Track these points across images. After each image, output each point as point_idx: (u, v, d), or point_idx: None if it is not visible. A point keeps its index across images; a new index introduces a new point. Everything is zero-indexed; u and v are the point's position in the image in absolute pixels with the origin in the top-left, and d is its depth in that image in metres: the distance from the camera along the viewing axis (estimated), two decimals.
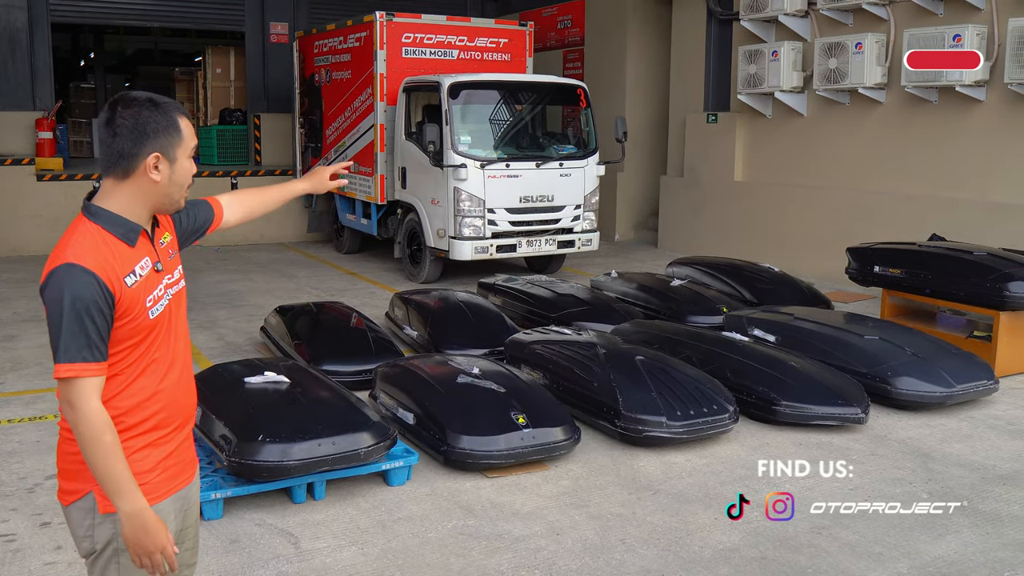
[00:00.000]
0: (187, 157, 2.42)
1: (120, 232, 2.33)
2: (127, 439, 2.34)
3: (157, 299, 2.39)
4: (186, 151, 2.41)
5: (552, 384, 6.05)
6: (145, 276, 2.36)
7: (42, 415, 6.13)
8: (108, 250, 2.29)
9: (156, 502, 2.38)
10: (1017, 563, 4.16)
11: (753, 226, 12.14)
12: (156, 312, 2.38)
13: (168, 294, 2.44)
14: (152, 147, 2.33)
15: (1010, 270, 6.96)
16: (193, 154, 2.45)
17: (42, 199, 13.24)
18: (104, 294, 2.23)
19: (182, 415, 2.51)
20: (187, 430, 2.55)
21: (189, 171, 2.43)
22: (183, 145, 2.40)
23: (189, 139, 2.42)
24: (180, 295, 2.53)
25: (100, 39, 24.21)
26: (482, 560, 4.15)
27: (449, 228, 10.33)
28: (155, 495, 2.38)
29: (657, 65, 14.66)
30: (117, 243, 2.32)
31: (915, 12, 10.00)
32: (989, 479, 5.13)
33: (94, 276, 2.22)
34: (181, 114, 2.43)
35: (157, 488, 2.40)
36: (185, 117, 2.44)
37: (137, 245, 2.36)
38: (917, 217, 9.90)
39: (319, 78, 13.42)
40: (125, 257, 2.32)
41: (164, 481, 2.43)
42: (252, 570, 4.04)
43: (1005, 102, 9.25)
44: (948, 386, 6.15)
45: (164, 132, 2.35)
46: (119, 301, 2.27)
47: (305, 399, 5.09)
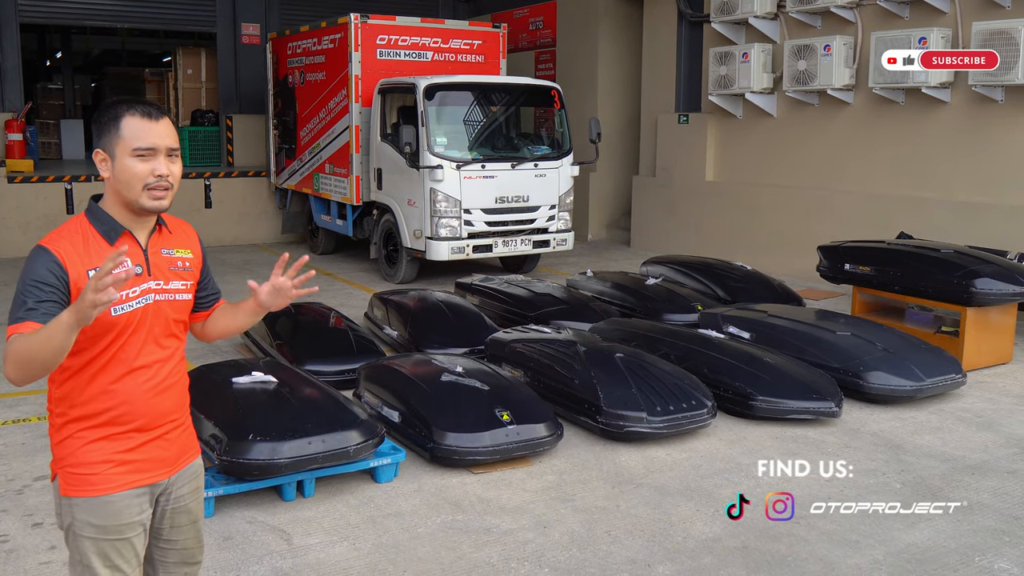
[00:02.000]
0: (127, 155, 2.42)
1: (102, 229, 2.48)
2: (79, 429, 2.46)
3: (125, 299, 2.43)
4: (125, 149, 2.42)
5: (533, 382, 6.15)
6: None
7: (26, 417, 6.13)
8: (83, 241, 2.43)
9: (109, 492, 2.47)
10: (987, 548, 4.32)
11: (725, 225, 12.32)
12: (120, 311, 2.42)
13: (148, 298, 2.49)
14: (97, 145, 2.48)
15: (976, 267, 7.17)
16: (144, 154, 2.42)
17: (13, 201, 13.13)
18: (58, 272, 2.35)
19: (148, 418, 2.51)
20: (157, 432, 2.55)
21: (131, 170, 2.42)
22: (122, 143, 2.43)
23: (130, 138, 2.42)
24: (172, 305, 2.56)
25: (67, 39, 23.97)
26: (472, 553, 4.24)
27: (426, 229, 10.41)
28: (108, 486, 2.47)
29: (628, 66, 14.81)
30: (97, 238, 2.46)
31: (882, 15, 10.23)
32: (959, 469, 5.30)
33: (51, 255, 2.37)
34: (132, 113, 2.44)
35: (111, 479, 2.47)
36: (137, 116, 2.44)
37: (117, 244, 2.46)
38: (885, 216, 10.13)
39: (293, 79, 13.43)
40: (100, 252, 2.42)
41: (121, 474, 2.48)
42: (247, 566, 4.10)
43: (969, 104, 9.49)
44: (918, 380, 6.33)
45: (104, 130, 2.47)
46: (75, 286, 2.36)
47: (293, 398, 5.16)
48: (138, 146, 2.43)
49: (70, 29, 22.48)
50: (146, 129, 2.44)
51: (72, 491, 2.47)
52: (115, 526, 2.49)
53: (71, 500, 2.47)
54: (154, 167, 2.44)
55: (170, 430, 2.59)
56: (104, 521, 2.47)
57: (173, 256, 2.58)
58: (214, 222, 14.40)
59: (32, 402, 6.43)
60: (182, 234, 2.67)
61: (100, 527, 2.47)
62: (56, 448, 2.50)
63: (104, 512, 2.47)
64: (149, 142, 2.43)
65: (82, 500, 2.46)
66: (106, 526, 2.48)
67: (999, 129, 9.32)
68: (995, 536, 4.45)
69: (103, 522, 2.47)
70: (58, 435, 2.49)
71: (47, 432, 2.57)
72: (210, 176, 14.60)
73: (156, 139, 2.44)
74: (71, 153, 18.29)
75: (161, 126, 2.47)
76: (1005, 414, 6.28)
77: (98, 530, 2.47)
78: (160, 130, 2.46)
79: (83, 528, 2.47)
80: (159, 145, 2.45)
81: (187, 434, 2.69)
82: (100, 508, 2.47)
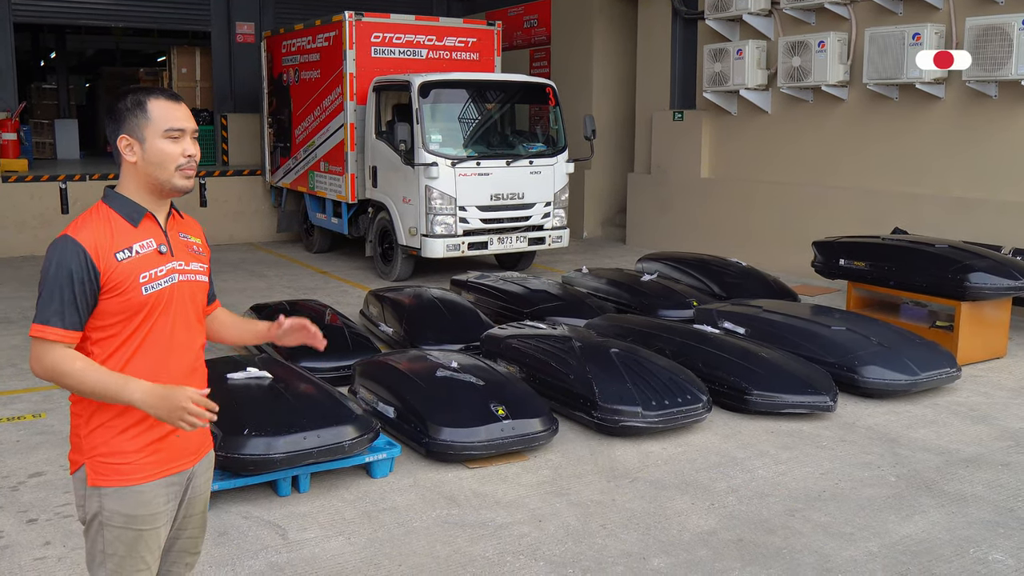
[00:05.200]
0: (159, 137, 2.46)
1: (124, 212, 2.49)
2: (110, 417, 2.46)
3: (155, 278, 2.47)
4: (156, 132, 2.46)
5: (529, 377, 6.15)
6: (143, 255, 2.46)
7: (20, 415, 6.11)
8: (108, 228, 2.45)
9: (140, 482, 2.48)
10: (981, 540, 4.33)
11: (720, 222, 12.33)
12: (151, 290, 2.46)
13: (173, 278, 2.52)
14: (121, 131, 2.49)
15: (970, 262, 7.18)
16: (176, 135, 2.47)
17: (7, 201, 13.10)
18: (88, 266, 2.38)
19: None
20: None
21: (165, 151, 2.46)
22: (151, 126, 2.46)
23: (160, 120, 2.46)
24: (194, 285, 2.60)
25: (62, 39, 23.90)
26: (467, 547, 4.25)
27: (421, 226, 10.41)
28: (140, 475, 2.48)
29: (623, 64, 14.82)
30: (120, 221, 2.47)
31: (875, 11, 10.24)
32: (953, 462, 5.31)
33: (82, 248, 2.38)
34: (156, 97, 2.48)
35: (142, 469, 2.48)
36: (162, 99, 2.49)
37: (141, 226, 2.49)
38: (879, 211, 10.15)
39: (287, 78, 13.42)
40: (125, 235, 2.45)
41: (152, 464, 2.50)
42: (242, 560, 4.10)
43: (963, 99, 9.51)
44: (913, 374, 6.34)
45: (130, 115, 2.48)
46: (106, 275, 2.39)
47: (288, 394, 5.15)
48: (170, 127, 2.48)
49: (65, 29, 22.43)
50: (173, 110, 2.50)
51: (102, 480, 2.46)
52: (145, 516, 2.50)
53: (101, 490, 2.46)
54: (184, 148, 2.50)
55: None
56: (135, 511, 2.48)
57: (189, 240, 2.64)
58: (209, 221, 14.36)
59: (27, 400, 6.42)
60: (192, 223, 2.73)
61: (130, 516, 2.48)
62: (85, 439, 2.48)
63: (135, 501, 2.48)
64: (179, 123, 2.49)
65: (112, 490, 2.46)
66: (136, 515, 2.48)
67: (993, 125, 9.33)
68: (989, 528, 4.46)
69: (134, 511, 2.48)
70: (87, 425, 2.48)
71: (42, 429, 2.58)
72: (205, 175, 14.58)
73: (184, 121, 2.51)
74: (66, 153, 18.27)
75: (184, 109, 2.54)
76: (999, 408, 6.29)
77: (128, 519, 2.48)
78: (185, 112, 2.53)
79: (112, 518, 2.47)
80: (187, 127, 2.51)
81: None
82: (132, 497, 2.47)
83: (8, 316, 9.18)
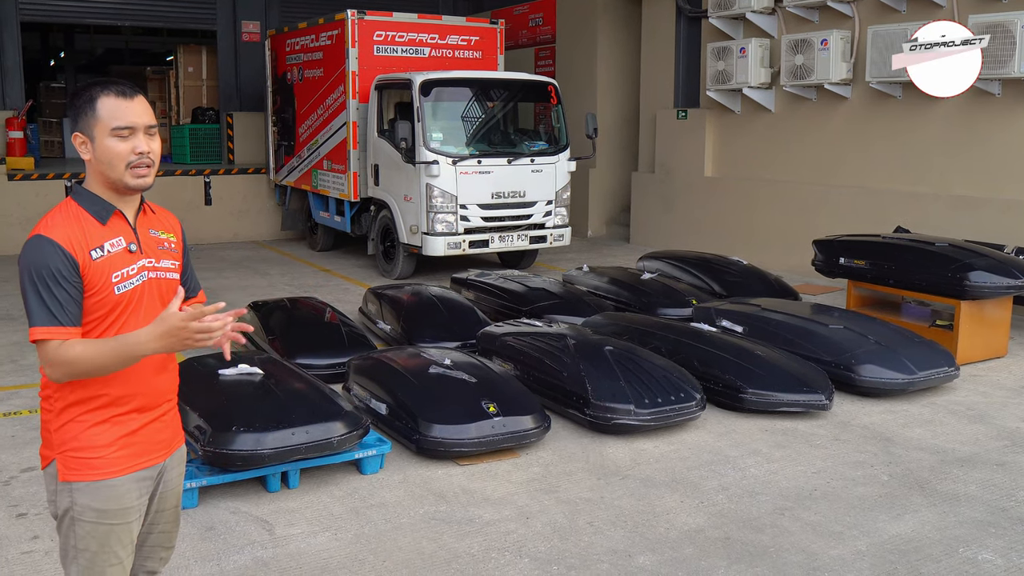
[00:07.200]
0: (107, 136, 2.42)
1: (93, 210, 2.47)
2: (81, 412, 2.45)
3: (126, 276, 2.46)
4: (104, 130, 2.42)
5: (523, 375, 6.14)
6: (114, 253, 2.45)
7: (16, 411, 6.15)
8: (78, 225, 2.43)
9: (111, 477, 2.48)
10: (971, 540, 4.30)
11: (723, 221, 12.30)
12: (123, 289, 2.45)
13: (143, 276, 2.50)
14: (75, 128, 2.48)
15: (970, 261, 7.14)
16: (124, 133, 2.43)
17: (13, 199, 13.16)
18: (67, 261, 2.36)
19: (147, 397, 2.54)
20: (156, 413, 2.59)
21: (112, 150, 2.42)
22: (99, 124, 2.43)
23: (108, 118, 2.42)
24: (163, 283, 2.57)
25: (70, 38, 24.02)
26: (453, 543, 4.24)
27: (422, 224, 10.40)
28: (111, 470, 2.47)
29: (627, 62, 14.79)
30: (89, 219, 2.45)
31: (879, 9, 10.19)
32: (948, 461, 5.28)
33: (57, 245, 2.36)
34: (106, 94, 2.44)
35: (114, 463, 2.48)
36: (112, 96, 2.44)
37: (109, 223, 2.47)
38: (881, 210, 10.10)
39: (291, 76, 13.44)
40: (95, 233, 2.44)
41: (123, 458, 2.50)
42: (228, 556, 4.10)
43: (967, 97, 9.43)
44: (910, 373, 6.30)
45: (81, 113, 2.46)
46: (84, 270, 2.38)
47: (279, 390, 5.15)
48: (116, 125, 2.43)
49: (73, 28, 22.53)
50: (122, 108, 2.44)
51: (73, 475, 2.46)
52: (116, 510, 2.49)
53: (72, 485, 2.46)
54: (134, 145, 2.44)
55: (166, 411, 2.64)
56: (106, 505, 2.47)
57: (160, 237, 2.61)
58: (214, 219, 14.45)
59: (24, 396, 6.45)
60: (165, 218, 2.69)
61: (102, 511, 2.47)
62: (56, 433, 2.48)
63: (107, 496, 2.47)
64: (127, 121, 2.44)
65: (84, 484, 2.46)
66: (108, 510, 2.48)
67: (996, 123, 9.27)
68: (981, 527, 4.43)
69: (105, 506, 2.47)
70: (57, 420, 2.48)
71: (37, 425, 2.58)
72: (210, 173, 14.61)
73: (133, 117, 2.45)
74: (73, 151, 18.20)
75: (136, 104, 2.47)
76: (998, 407, 6.24)
77: (100, 514, 2.47)
78: (136, 108, 2.46)
79: (83, 513, 2.47)
80: (137, 123, 2.45)
81: (177, 417, 2.73)
82: (103, 492, 2.47)
83: (11, 313, 9.21)
